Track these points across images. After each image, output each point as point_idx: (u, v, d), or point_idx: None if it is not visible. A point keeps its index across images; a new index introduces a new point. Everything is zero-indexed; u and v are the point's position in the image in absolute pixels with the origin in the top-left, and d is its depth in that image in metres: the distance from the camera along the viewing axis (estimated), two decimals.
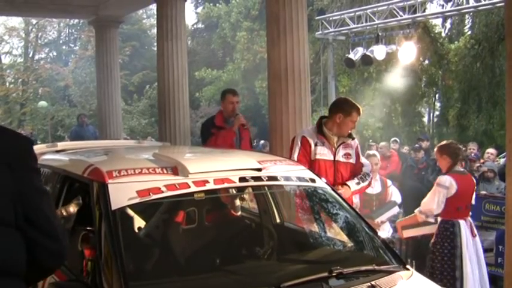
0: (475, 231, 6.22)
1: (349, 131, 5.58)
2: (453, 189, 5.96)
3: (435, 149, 6.80)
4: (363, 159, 5.96)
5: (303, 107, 7.67)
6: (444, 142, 6.60)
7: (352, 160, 5.65)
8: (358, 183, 5.57)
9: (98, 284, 3.00)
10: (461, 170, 6.39)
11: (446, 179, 6.03)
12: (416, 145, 12.01)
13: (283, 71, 7.60)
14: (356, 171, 5.67)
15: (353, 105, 5.61)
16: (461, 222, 6.04)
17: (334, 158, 5.54)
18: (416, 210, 6.25)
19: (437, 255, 6.06)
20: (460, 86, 21.20)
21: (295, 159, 5.28)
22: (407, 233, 6.65)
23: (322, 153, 5.50)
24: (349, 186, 5.48)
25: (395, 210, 7.41)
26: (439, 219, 6.15)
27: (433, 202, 6.04)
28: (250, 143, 7.59)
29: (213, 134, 7.05)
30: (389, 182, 7.97)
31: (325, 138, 5.54)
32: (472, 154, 11.04)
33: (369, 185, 5.85)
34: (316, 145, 5.49)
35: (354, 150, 5.71)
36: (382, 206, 7.42)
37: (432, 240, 6.18)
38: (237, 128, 7.15)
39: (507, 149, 4.90)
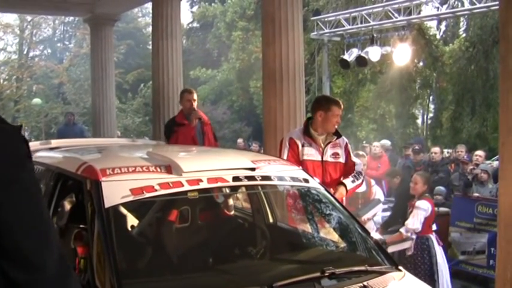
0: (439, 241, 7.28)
1: (335, 129, 5.58)
2: (429, 211, 7.04)
3: (413, 176, 7.68)
4: (354, 158, 5.97)
5: (297, 107, 7.68)
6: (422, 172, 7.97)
7: (342, 159, 5.65)
8: (353, 181, 5.60)
9: (90, 282, 2.99)
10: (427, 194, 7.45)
11: (425, 203, 7.06)
12: (416, 147, 12.01)
13: (278, 71, 7.61)
14: (348, 170, 5.67)
15: (331, 100, 5.71)
16: (432, 236, 7.17)
17: (322, 158, 5.55)
18: (402, 229, 7.07)
19: (419, 265, 7.05)
20: (454, 88, 21.24)
21: None
22: (391, 249, 7.24)
23: (310, 153, 5.52)
24: (345, 185, 5.50)
25: (380, 207, 7.66)
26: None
27: (418, 223, 6.98)
28: (215, 137, 7.93)
29: (175, 132, 7.45)
30: (372, 182, 8.25)
31: (311, 139, 5.55)
32: (465, 157, 11.05)
33: (362, 183, 5.90)
34: (303, 146, 5.52)
35: (343, 149, 5.70)
36: (367, 204, 7.64)
37: (409, 253, 7.06)
38: (195, 123, 7.55)
39: (500, 152, 4.92)
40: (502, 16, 4.78)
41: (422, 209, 6.98)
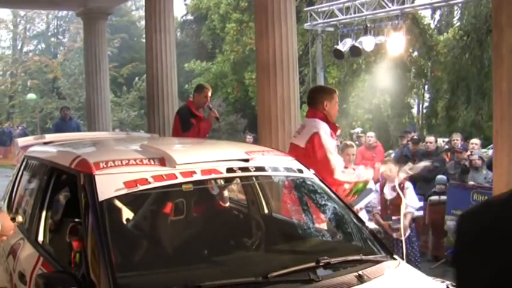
0: None
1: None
2: None
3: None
4: None
5: (291, 98, 7.68)
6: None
7: None
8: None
9: (85, 276, 2.99)
10: None
11: None
12: (415, 137, 11.96)
13: (272, 62, 7.60)
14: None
15: (331, 88, 5.78)
16: None
17: None
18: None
19: None
20: (449, 77, 21.26)
21: (340, 160, 5.23)
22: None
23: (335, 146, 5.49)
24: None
25: (373, 196, 7.65)
26: None
27: None
28: None
29: (193, 124, 7.62)
30: None
31: (333, 132, 5.47)
32: (459, 145, 11.04)
33: None
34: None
35: None
36: (359, 194, 7.63)
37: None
38: (211, 120, 8.02)
39: (494, 140, 4.92)
40: (494, 4, 4.78)
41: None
